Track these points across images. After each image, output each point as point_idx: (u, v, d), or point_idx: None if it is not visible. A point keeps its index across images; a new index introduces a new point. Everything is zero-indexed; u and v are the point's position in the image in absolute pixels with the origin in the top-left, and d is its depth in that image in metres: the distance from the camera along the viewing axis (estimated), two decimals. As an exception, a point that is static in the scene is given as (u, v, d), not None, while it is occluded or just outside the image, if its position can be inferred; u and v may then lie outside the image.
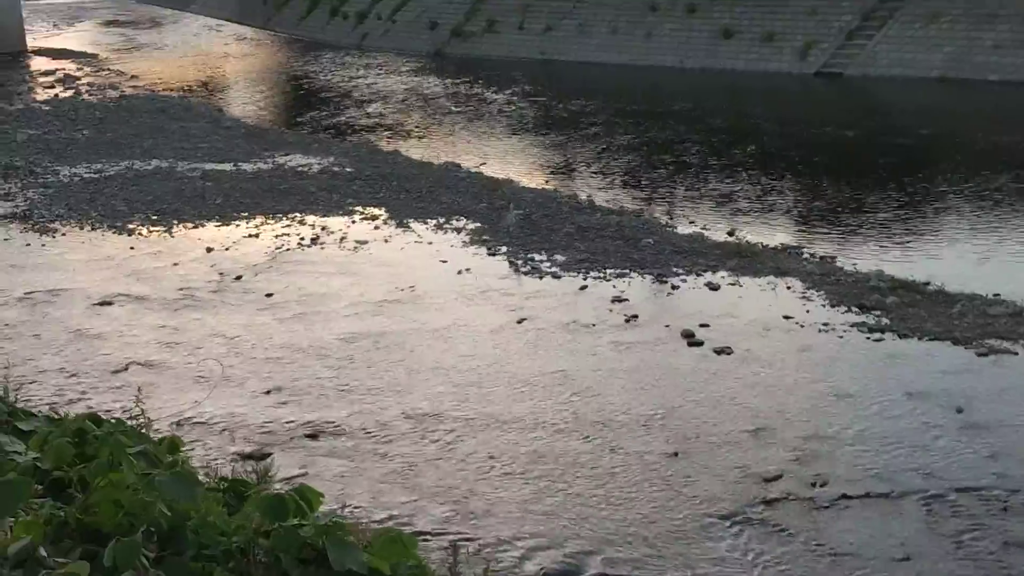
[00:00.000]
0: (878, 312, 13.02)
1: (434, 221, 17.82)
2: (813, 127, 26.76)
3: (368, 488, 8.93)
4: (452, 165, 22.98)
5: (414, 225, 17.63)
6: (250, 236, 17.22)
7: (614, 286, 14.35)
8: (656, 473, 9.13)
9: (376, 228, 17.54)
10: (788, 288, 14.10)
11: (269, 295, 14.25)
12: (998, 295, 13.45)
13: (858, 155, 23.58)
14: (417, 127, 28.80)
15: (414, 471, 9.24)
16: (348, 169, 22.20)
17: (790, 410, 10.34)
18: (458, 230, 17.29)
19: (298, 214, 18.45)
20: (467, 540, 8.04)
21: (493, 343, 12.37)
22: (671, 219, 18.52)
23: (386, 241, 16.80)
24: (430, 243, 16.69)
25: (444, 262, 15.62)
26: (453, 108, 31.39)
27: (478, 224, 17.57)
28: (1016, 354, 11.67)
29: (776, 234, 17.27)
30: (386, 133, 28.01)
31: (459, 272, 15.12)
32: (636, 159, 24.08)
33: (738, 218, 18.46)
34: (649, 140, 25.73)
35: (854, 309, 13.17)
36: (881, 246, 16.37)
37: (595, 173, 22.71)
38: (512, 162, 24.01)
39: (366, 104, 32.68)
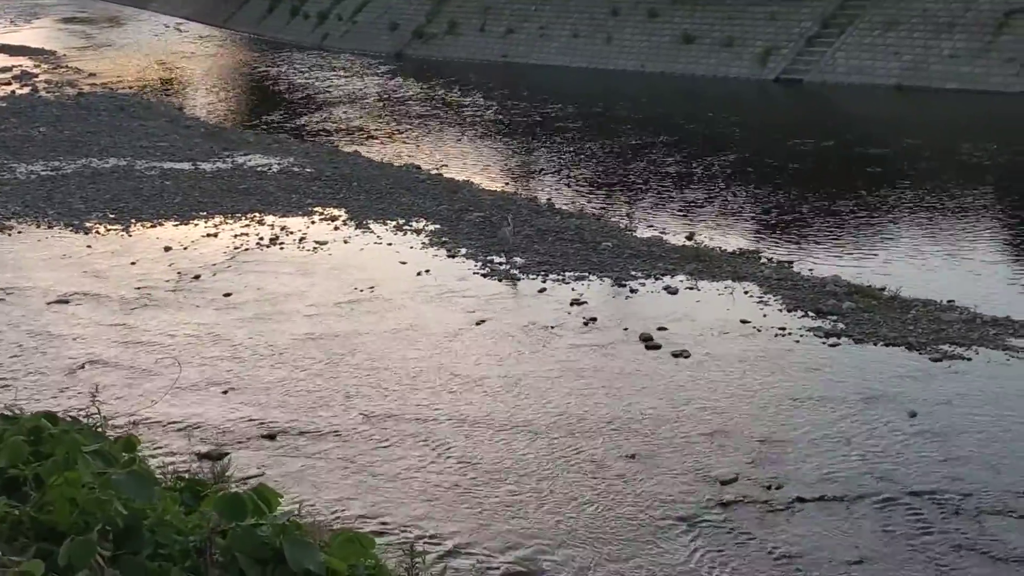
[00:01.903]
0: (834, 317, 13.12)
1: (394, 222, 17.81)
2: (772, 134, 26.96)
3: (326, 488, 8.92)
4: (412, 167, 22.98)
5: (374, 226, 17.62)
6: (209, 236, 17.14)
7: (573, 289, 14.39)
8: (613, 475, 9.16)
9: (336, 229, 17.51)
10: (745, 292, 14.19)
11: (227, 295, 14.19)
12: (952, 301, 13.59)
13: (817, 163, 23.79)
14: (378, 129, 28.75)
15: (372, 472, 9.23)
16: (308, 170, 22.15)
17: (746, 413, 10.41)
18: (418, 231, 17.28)
19: (257, 214, 18.39)
20: (425, 541, 8.04)
21: (452, 345, 12.38)
22: (630, 223, 18.61)
23: (346, 242, 16.77)
24: (390, 244, 16.67)
25: (404, 263, 15.61)
26: (414, 110, 31.36)
27: (438, 226, 17.56)
28: (968, 359, 11.80)
29: (734, 239, 17.38)
30: (347, 134, 27.94)
31: (419, 273, 15.12)
32: (596, 163, 24.16)
33: (697, 223, 18.55)
34: (609, 144, 25.81)
35: (811, 314, 13.26)
36: (838, 252, 16.49)
37: (555, 176, 22.77)
38: (472, 164, 24.00)
39: (327, 105, 32.60)
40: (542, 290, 14.38)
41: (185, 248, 16.47)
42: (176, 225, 17.78)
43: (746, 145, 25.46)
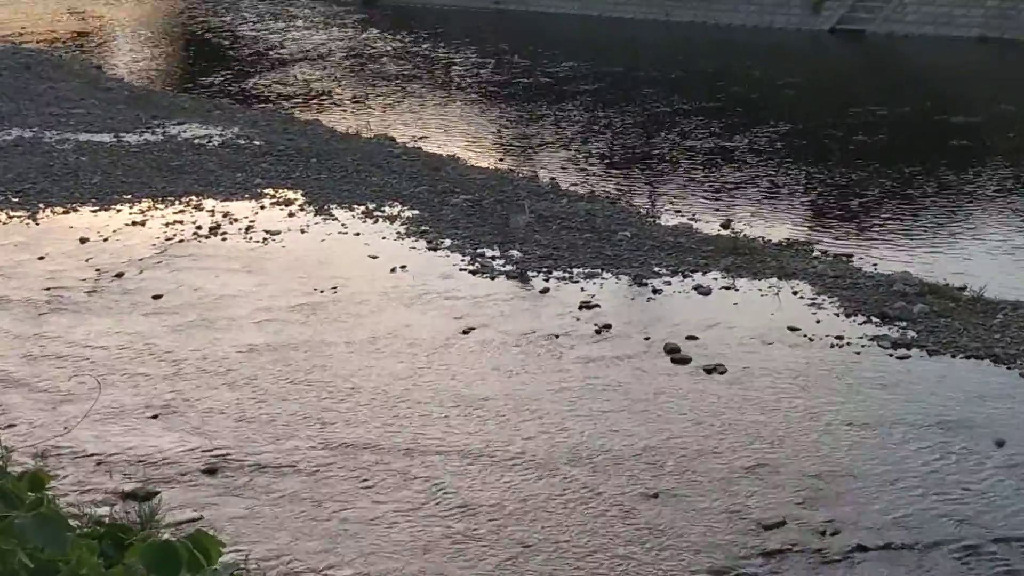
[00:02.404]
0: (903, 323, 13.14)
1: (362, 207, 17.83)
2: (828, 99, 26.99)
3: (280, 536, 8.88)
4: (385, 139, 23.01)
5: (337, 212, 17.65)
6: (134, 224, 17.14)
7: (582, 289, 14.40)
8: (632, 519, 9.13)
9: (290, 215, 17.55)
10: (794, 293, 14.21)
11: (157, 297, 14.18)
12: (1048, 304, 13.66)
13: (885, 134, 23.79)
14: (343, 92, 28.73)
15: (332, 515, 9.19)
16: (257, 142, 22.16)
17: (795, 442, 10.39)
18: (392, 219, 17.30)
19: (194, 197, 18.40)
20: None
21: (433, 359, 12.36)
22: (653, 207, 18.65)
23: (303, 231, 16.80)
24: (357, 234, 16.69)
25: (374, 258, 15.64)
26: (388, 69, 31.38)
27: (416, 211, 17.57)
28: (1069, 376, 11.84)
29: (781, 227, 17.44)
30: (305, 99, 27.92)
31: (392, 270, 15.12)
32: (611, 135, 24.18)
33: (735, 208, 18.62)
34: (627, 112, 25.84)
35: (874, 319, 13.29)
36: (908, 244, 16.55)
37: (561, 151, 22.78)
38: (459, 136, 24.00)
39: (281, 64, 32.61)
40: (545, 290, 14.39)
41: (105, 239, 16.47)
42: (94, 211, 17.78)
43: (796, 112, 25.50)
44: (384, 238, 16.50)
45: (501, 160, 22.14)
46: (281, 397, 11.36)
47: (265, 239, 16.47)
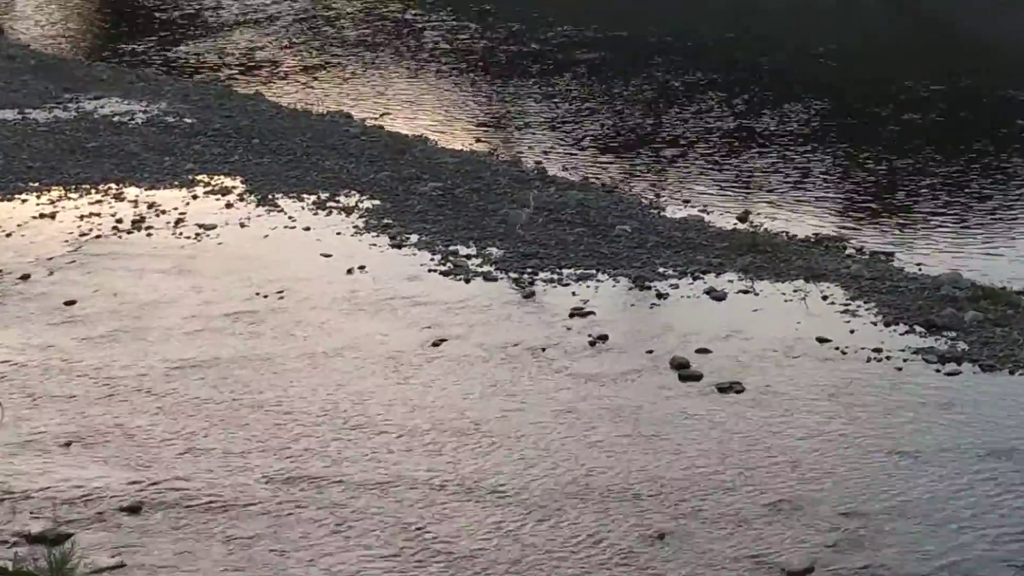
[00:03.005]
0: (952, 333, 13.17)
1: (313, 197, 17.86)
2: (873, 69, 26.92)
3: (214, 585, 8.87)
4: (342, 116, 23.06)
5: (284, 202, 17.67)
6: (43, 217, 17.12)
7: (574, 293, 14.44)
8: (633, 564, 9.09)
9: (228, 206, 17.56)
10: (824, 298, 14.26)
11: (70, 303, 14.12)
12: (1124, 312, 13.66)
13: (939, 111, 23.83)
14: (293, 61, 28.63)
15: (284, 562, 9.14)
16: (189, 120, 22.13)
17: (826, 474, 10.37)
18: (348, 210, 17.35)
19: (114, 185, 18.38)
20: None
21: (397, 376, 12.33)
22: (657, 197, 18.70)
23: (243, 225, 16.80)
24: (308, 229, 16.70)
25: (328, 257, 15.67)
26: (347, 35, 31.26)
27: (377, 202, 17.61)
28: None
29: (808, 221, 17.53)
30: (247, 69, 27.81)
31: (349, 271, 15.14)
32: (609, 111, 24.16)
33: (754, 198, 18.73)
34: (631, 83, 25.79)
35: (918, 329, 13.32)
36: (959, 241, 16.64)
37: (550, 131, 22.75)
38: (429, 112, 23.96)
39: (219, 28, 32.46)
40: (529, 295, 14.41)
41: (8, 235, 16.43)
42: (-5, 201, 17.76)
43: (832, 86, 25.50)
44: (339, 233, 16.51)
45: (478, 141, 22.12)
46: (217, 422, 11.29)
47: (198, 235, 16.45)
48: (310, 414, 11.48)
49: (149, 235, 16.47)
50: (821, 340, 13.08)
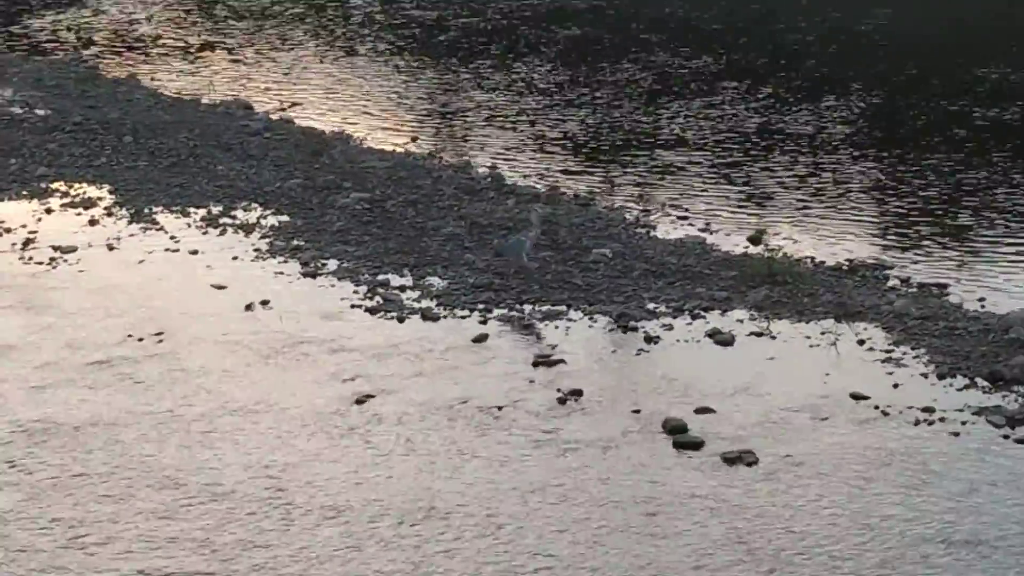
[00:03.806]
0: (1025, 389, 13.14)
1: (203, 211, 17.89)
2: (931, 49, 27.11)
3: None
4: (241, 106, 23.18)
5: (164, 218, 17.71)
6: None
7: (539, 336, 14.40)
8: None
9: (92, 223, 17.60)
10: (860, 343, 14.17)
11: None
12: None
13: (1013, 106, 23.99)
14: (178, 36, 28.61)
15: None
16: (41, 111, 22.30)
17: (864, 572, 10.26)
18: (248, 228, 17.38)
19: (-60, 196, 18.46)
20: None
21: (309, 444, 12.18)
22: (646, 212, 18.66)
23: (111, 248, 16.80)
24: (195, 253, 16.67)
25: (221, 288, 15.64)
26: (248, 3, 31.36)
27: (285, 217, 17.69)
28: None
29: (840, 243, 17.51)
30: (117, 46, 27.77)
31: (248, 307, 15.09)
32: (587, 103, 24.23)
33: (770, 213, 18.70)
34: (619, 68, 25.94)
35: (981, 383, 13.18)
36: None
37: (507, 127, 22.79)
38: (353, 102, 24.01)
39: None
40: (480, 337, 14.31)
41: None
42: None
43: (880, 75, 25.61)
44: (236, 259, 16.46)
45: (415, 140, 22.15)
46: (64, 506, 11.11)
47: (53, 259, 16.37)
48: (193, 495, 11.29)
49: (-12, 260, 16.38)
50: (856, 397, 12.93)
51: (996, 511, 11.10)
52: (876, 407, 12.76)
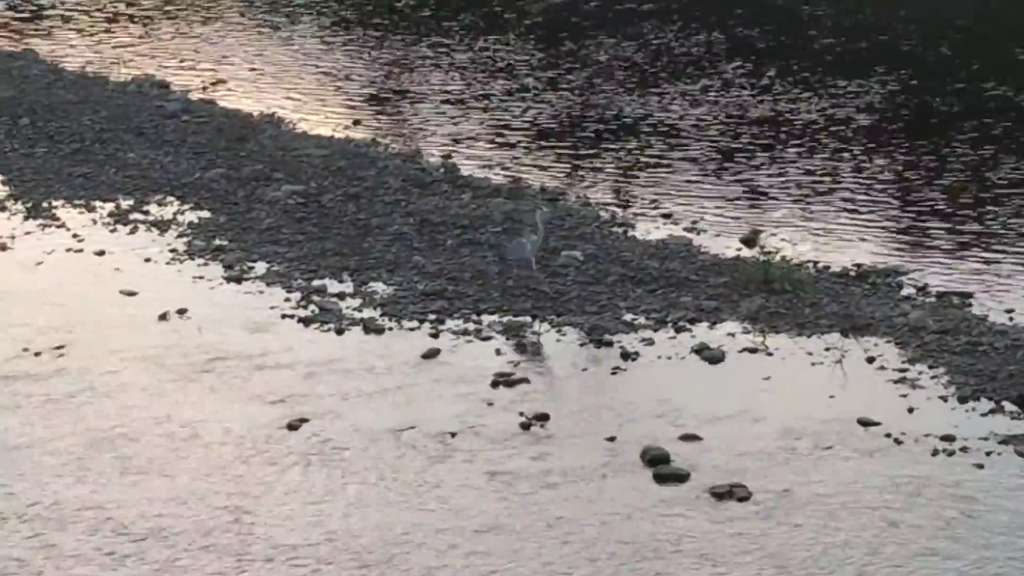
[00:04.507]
0: (1059, 414, 13.15)
1: (111, 206, 17.91)
2: (959, 35, 27.20)
3: None
4: (155, 85, 23.12)
5: (66, 214, 17.72)
6: None
7: (498, 350, 14.42)
8: None
9: (-19, 220, 17.62)
10: (870, 360, 14.20)
11: None
12: None
13: None
14: (84, 3, 28.47)
15: None
16: (-82, 91, 22.26)
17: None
18: (163, 226, 17.36)
19: None
20: None
21: (233, 475, 12.18)
22: (624, 209, 18.69)
23: (3, 248, 16.83)
24: (101, 254, 16.68)
25: (131, 295, 15.64)
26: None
27: (207, 213, 17.68)
28: None
29: (846, 246, 17.54)
30: (11, 15, 27.66)
31: (163, 317, 15.07)
32: (561, 84, 24.24)
33: (767, 211, 18.76)
34: (599, 42, 25.99)
35: (1008, 407, 13.21)
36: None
37: (464, 111, 22.78)
38: (285, 80, 23.99)
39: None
40: (431, 353, 14.33)
41: None
42: None
43: (901, 62, 25.72)
44: (149, 260, 16.47)
45: (357, 124, 22.16)
46: None
47: None
48: (97, 530, 11.27)
49: None
50: (865, 423, 12.95)
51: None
52: (888, 435, 12.80)
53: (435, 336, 14.69)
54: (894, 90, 24.07)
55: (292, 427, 12.95)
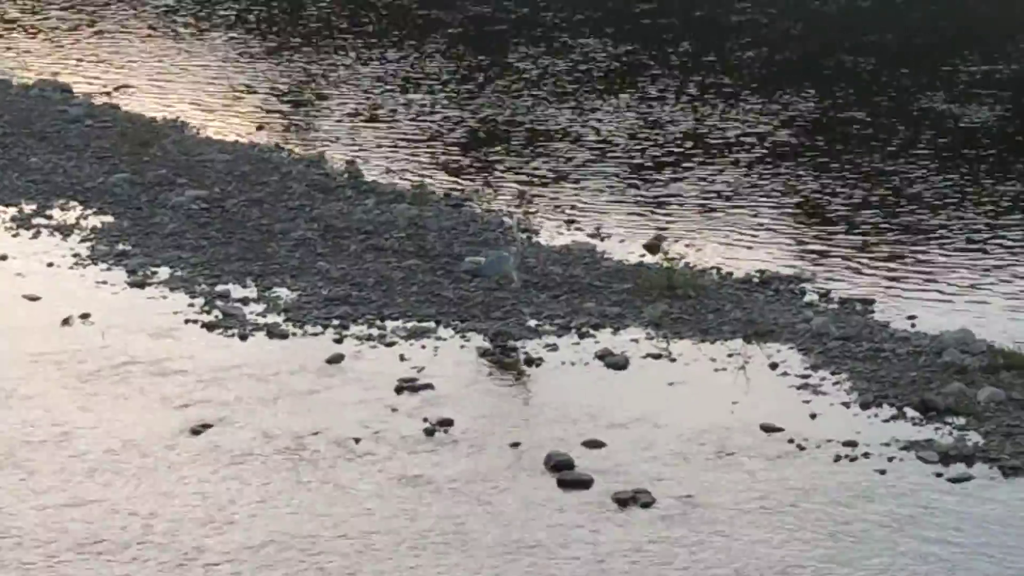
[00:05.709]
0: (960, 419, 13.16)
1: (13, 210, 17.93)
2: (900, 45, 27.41)
3: None
4: (57, 88, 23.07)
5: None
6: None
7: (402, 356, 14.44)
8: None
9: None
10: (773, 366, 14.32)
11: None
12: None
13: (975, 104, 24.32)
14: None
15: None
16: None
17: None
18: (65, 230, 17.38)
19: None
20: None
21: (135, 482, 12.15)
22: (528, 215, 18.71)
23: None
24: (4, 258, 16.72)
25: (34, 300, 15.65)
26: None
27: (110, 218, 17.66)
28: None
29: (750, 251, 17.67)
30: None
31: (66, 322, 15.06)
32: (474, 95, 24.30)
33: (671, 216, 18.81)
34: (514, 52, 26.05)
35: (910, 413, 13.33)
36: (972, 286, 16.74)
37: (371, 117, 22.78)
38: (189, 84, 23.95)
39: None
40: (335, 358, 14.36)
41: None
42: None
43: (818, 72, 25.88)
44: (52, 265, 16.48)
45: (261, 128, 22.21)
46: None
47: None
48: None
49: None
50: (768, 429, 13.05)
51: (927, 560, 11.21)
52: (791, 440, 12.89)
53: (339, 341, 14.73)
54: (812, 103, 24.28)
55: (195, 432, 12.95)
